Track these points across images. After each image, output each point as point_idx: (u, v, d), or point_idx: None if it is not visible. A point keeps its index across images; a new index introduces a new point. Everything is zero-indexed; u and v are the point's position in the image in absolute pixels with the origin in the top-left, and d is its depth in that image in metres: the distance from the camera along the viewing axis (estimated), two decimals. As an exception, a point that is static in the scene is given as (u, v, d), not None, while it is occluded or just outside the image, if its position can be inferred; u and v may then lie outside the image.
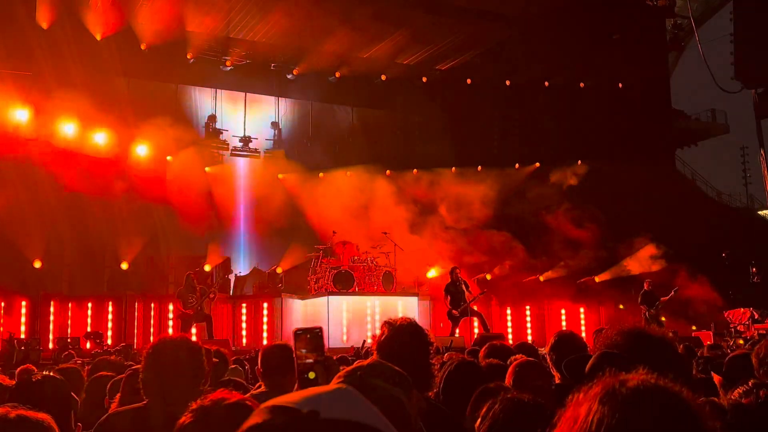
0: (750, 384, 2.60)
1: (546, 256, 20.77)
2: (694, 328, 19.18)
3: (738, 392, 2.59)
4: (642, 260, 20.37)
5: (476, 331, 16.76)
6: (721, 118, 34.97)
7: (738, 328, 17.80)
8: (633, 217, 21.06)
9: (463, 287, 16.26)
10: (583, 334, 15.00)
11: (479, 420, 2.35)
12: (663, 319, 17.09)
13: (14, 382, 3.70)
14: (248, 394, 3.93)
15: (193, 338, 12.51)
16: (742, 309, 18.43)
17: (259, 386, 4.89)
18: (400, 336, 3.03)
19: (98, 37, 19.56)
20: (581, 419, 1.20)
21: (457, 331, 16.23)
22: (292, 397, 1.04)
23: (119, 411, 3.11)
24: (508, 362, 4.06)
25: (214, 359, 5.26)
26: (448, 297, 16.10)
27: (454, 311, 15.98)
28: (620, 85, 24.52)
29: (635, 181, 21.90)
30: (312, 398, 1.04)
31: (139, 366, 3.22)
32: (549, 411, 2.34)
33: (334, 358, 8.02)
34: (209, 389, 2.49)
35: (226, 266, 20.24)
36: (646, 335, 2.15)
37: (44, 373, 3.37)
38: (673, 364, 1.92)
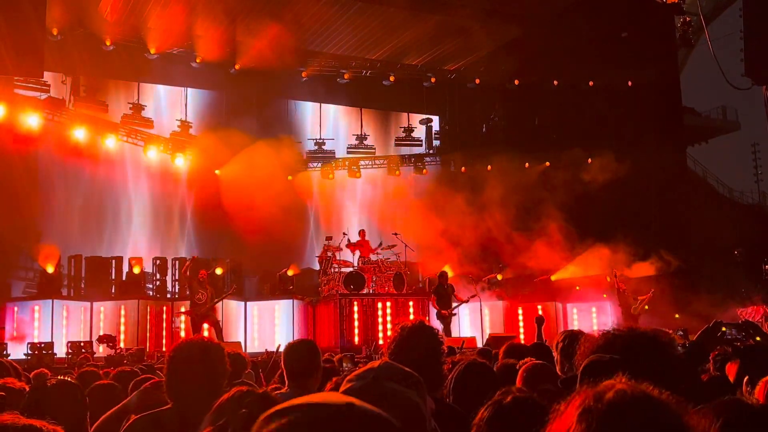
0: None
1: (557, 255, 20.68)
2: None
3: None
4: (652, 261, 20.26)
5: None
6: (731, 115, 34.85)
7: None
8: (645, 215, 20.98)
9: (449, 291, 16.52)
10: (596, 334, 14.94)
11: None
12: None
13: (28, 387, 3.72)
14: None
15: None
16: (753, 306, 18.29)
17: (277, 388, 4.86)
18: (411, 337, 3.04)
19: (108, 43, 19.66)
20: None
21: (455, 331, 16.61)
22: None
23: (144, 415, 3.15)
24: (517, 366, 4.05)
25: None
26: (434, 297, 16.39)
27: (443, 312, 16.22)
28: (630, 83, 24.42)
29: (646, 180, 21.80)
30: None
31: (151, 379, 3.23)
32: (544, 408, 2.34)
33: (345, 359, 7.97)
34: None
35: (237, 269, 20.29)
36: (641, 336, 2.13)
37: (59, 377, 3.39)
38: (668, 366, 1.91)
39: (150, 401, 3.40)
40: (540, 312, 18.64)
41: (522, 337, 18.01)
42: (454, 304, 16.64)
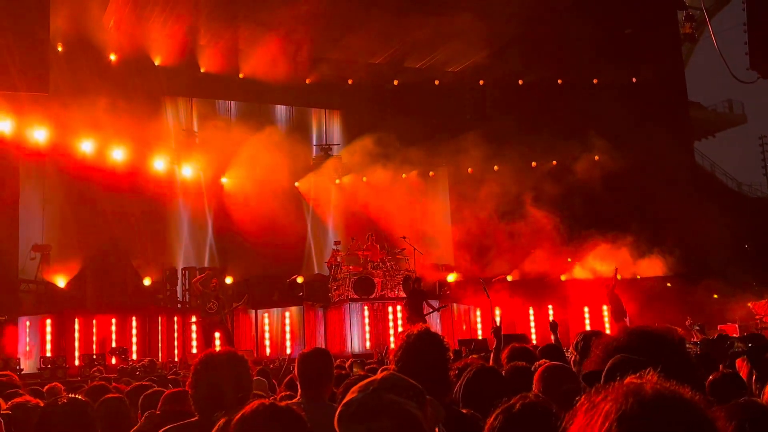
0: None
1: (566, 254, 20.63)
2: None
3: None
4: (661, 257, 20.19)
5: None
6: (738, 109, 34.76)
7: (763, 319, 17.51)
8: (653, 211, 20.87)
9: (421, 297, 16.37)
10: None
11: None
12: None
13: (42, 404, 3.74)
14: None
15: (218, 345, 12.77)
16: (766, 300, 18.16)
17: (287, 396, 4.87)
18: (417, 345, 3.04)
19: (112, 57, 19.74)
20: None
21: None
22: None
23: (170, 427, 3.17)
24: (533, 368, 4.00)
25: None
26: (407, 301, 16.16)
27: (414, 317, 16.07)
28: (634, 79, 24.35)
29: (654, 176, 21.72)
30: None
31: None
32: (554, 413, 2.32)
33: (356, 364, 7.95)
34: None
35: (246, 277, 20.32)
36: (657, 336, 2.12)
37: (69, 395, 3.41)
38: (682, 366, 1.90)
39: (159, 422, 3.42)
40: (551, 313, 18.62)
41: (534, 337, 17.98)
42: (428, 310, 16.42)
